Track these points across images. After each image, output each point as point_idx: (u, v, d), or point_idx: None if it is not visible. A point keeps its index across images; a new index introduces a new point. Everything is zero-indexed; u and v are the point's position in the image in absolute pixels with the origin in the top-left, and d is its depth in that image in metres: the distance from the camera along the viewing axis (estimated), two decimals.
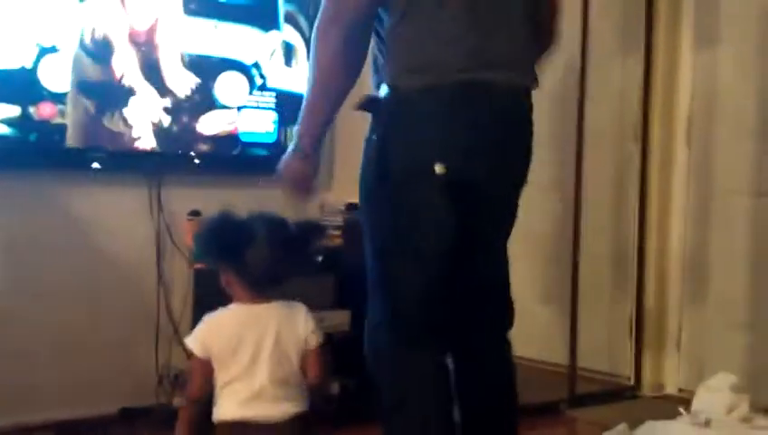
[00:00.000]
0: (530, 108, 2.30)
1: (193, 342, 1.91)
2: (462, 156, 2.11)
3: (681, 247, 4.12)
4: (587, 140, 4.01)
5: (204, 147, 3.58)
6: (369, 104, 2.18)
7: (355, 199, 3.51)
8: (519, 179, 2.33)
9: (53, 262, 3.35)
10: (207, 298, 2.00)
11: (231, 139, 3.65)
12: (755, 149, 3.80)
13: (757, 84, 3.80)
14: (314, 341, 2.00)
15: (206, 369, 1.91)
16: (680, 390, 4.03)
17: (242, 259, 1.91)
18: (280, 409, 1.89)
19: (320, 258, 2.81)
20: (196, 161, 3.57)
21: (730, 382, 1.91)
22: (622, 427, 1.82)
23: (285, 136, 3.71)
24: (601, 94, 4.14)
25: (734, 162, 3.89)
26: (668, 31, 4.12)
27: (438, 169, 2.08)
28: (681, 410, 1.88)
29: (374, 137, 2.16)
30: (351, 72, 2.08)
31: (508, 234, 2.39)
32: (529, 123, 2.30)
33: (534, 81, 2.29)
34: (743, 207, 3.84)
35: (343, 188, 3.82)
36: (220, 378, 1.90)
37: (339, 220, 3.63)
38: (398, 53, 2.13)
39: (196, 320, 2.11)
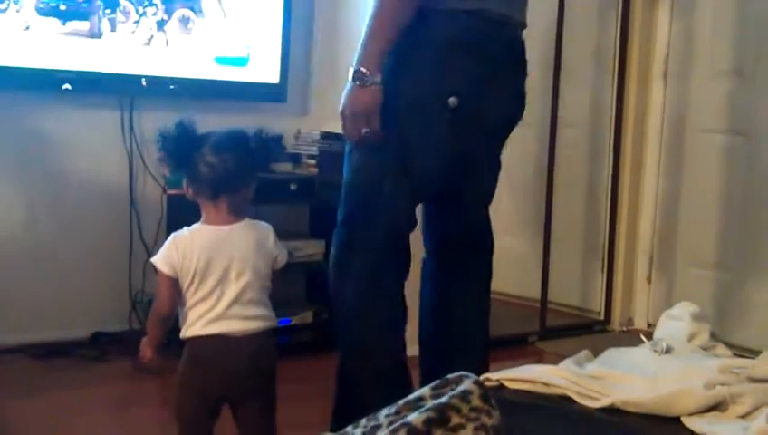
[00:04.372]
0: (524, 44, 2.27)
1: (161, 263, 1.89)
2: (475, 87, 2.08)
3: (654, 185, 4.15)
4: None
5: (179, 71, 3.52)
6: None
7: (331, 128, 3.53)
8: (515, 118, 2.31)
9: (25, 184, 3.33)
10: (181, 223, 1.98)
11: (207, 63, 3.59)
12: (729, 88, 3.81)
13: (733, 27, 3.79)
14: (283, 261, 2.00)
15: (174, 287, 1.90)
16: (649, 325, 4.09)
17: (192, 162, 1.89)
18: (249, 325, 1.91)
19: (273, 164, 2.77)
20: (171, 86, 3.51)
21: (691, 311, 1.94)
22: (584, 353, 1.84)
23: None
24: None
25: (709, 100, 3.89)
26: None
27: (452, 100, 2.05)
28: (643, 338, 1.91)
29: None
30: None
31: (493, 188, 2.36)
32: (525, 60, 2.28)
33: (525, 17, 2.26)
34: (715, 145, 3.86)
35: (319, 116, 3.79)
36: (188, 298, 1.90)
37: (314, 150, 3.61)
38: None
39: None
